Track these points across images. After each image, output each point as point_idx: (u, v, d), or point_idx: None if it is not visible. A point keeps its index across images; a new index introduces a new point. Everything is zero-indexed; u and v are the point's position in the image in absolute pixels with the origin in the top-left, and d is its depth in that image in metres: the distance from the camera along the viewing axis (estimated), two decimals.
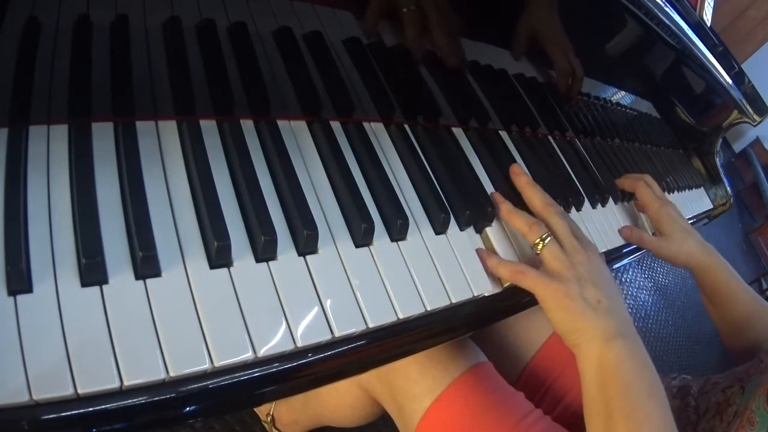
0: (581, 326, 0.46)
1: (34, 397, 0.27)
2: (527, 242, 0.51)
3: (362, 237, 0.42)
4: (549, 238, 0.48)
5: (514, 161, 0.61)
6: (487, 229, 0.51)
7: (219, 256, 0.35)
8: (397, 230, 0.44)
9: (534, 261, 0.50)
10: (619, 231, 0.68)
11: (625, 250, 0.71)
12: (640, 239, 0.68)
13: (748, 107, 1.02)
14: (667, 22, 0.67)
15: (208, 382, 0.32)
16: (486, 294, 0.47)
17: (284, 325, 0.35)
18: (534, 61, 0.67)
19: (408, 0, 0.48)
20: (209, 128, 0.41)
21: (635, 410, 0.42)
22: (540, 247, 0.48)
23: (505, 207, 0.52)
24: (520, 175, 0.55)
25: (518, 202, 0.54)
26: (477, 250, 0.49)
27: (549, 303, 0.46)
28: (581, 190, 0.67)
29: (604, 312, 0.46)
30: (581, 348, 0.46)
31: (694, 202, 1.10)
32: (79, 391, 0.28)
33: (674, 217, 0.69)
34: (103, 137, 0.36)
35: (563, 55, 0.63)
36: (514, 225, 0.51)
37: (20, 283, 0.29)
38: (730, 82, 0.89)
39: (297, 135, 0.45)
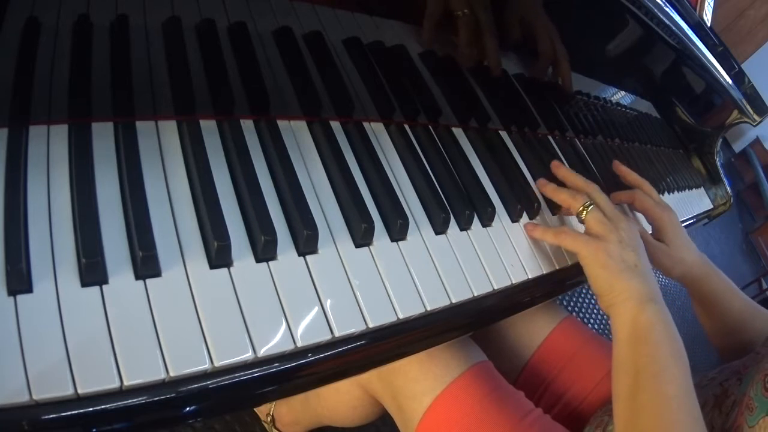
0: (618, 286, 0.48)
1: (34, 397, 0.27)
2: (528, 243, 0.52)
3: (362, 237, 0.42)
4: (592, 206, 0.52)
5: (514, 161, 0.61)
6: (488, 229, 0.51)
7: (219, 256, 0.35)
8: (397, 230, 0.44)
9: None
10: None
11: None
12: (644, 237, 0.64)
13: (748, 107, 1.02)
14: (667, 22, 0.67)
15: (208, 382, 0.32)
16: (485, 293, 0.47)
17: (284, 325, 0.35)
18: (532, 59, 0.67)
19: (461, 4, 0.51)
20: (209, 128, 0.41)
21: (663, 371, 0.44)
22: (584, 214, 0.52)
23: (550, 187, 0.57)
24: (561, 167, 0.60)
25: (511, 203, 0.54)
26: (524, 225, 0.54)
27: (589, 260, 0.50)
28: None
29: (639, 275, 0.48)
30: (616, 308, 0.48)
31: (694, 202, 1.10)
32: (79, 391, 0.28)
33: (675, 224, 0.66)
34: (103, 137, 0.36)
35: (547, 39, 0.63)
36: (559, 199, 0.56)
37: (20, 283, 0.29)
38: (730, 82, 0.89)
39: (297, 135, 0.45)
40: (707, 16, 0.97)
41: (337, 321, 0.37)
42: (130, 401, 0.29)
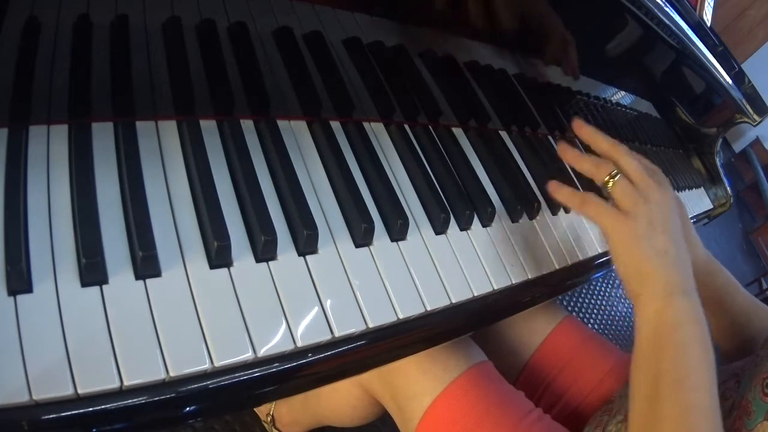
0: (646, 272, 0.44)
1: (34, 397, 0.27)
2: (529, 242, 0.51)
3: (362, 237, 0.42)
4: (619, 175, 0.46)
5: (515, 161, 0.61)
6: (488, 229, 0.51)
7: (219, 256, 0.35)
8: (397, 230, 0.44)
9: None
10: None
11: None
12: None
13: (748, 107, 1.02)
14: (667, 22, 0.67)
15: (208, 382, 0.32)
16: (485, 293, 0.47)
17: (284, 325, 0.35)
18: (531, 58, 0.67)
19: None
20: (209, 128, 0.41)
21: (687, 377, 0.40)
22: (610, 184, 0.46)
23: (571, 153, 0.50)
24: (583, 126, 0.52)
25: (517, 198, 0.54)
26: (549, 183, 0.50)
27: (615, 239, 0.45)
28: (581, 189, 0.67)
29: (670, 262, 0.44)
30: (641, 300, 0.44)
31: (694, 202, 1.10)
32: (79, 391, 0.28)
33: (685, 220, 0.63)
34: (103, 137, 0.36)
35: (554, 21, 0.61)
36: (581, 167, 0.50)
37: (20, 283, 0.29)
38: (730, 82, 0.89)
39: (297, 135, 0.45)
40: (707, 16, 0.97)
41: (337, 321, 0.37)
42: (130, 401, 0.29)
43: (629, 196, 0.45)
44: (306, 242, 0.38)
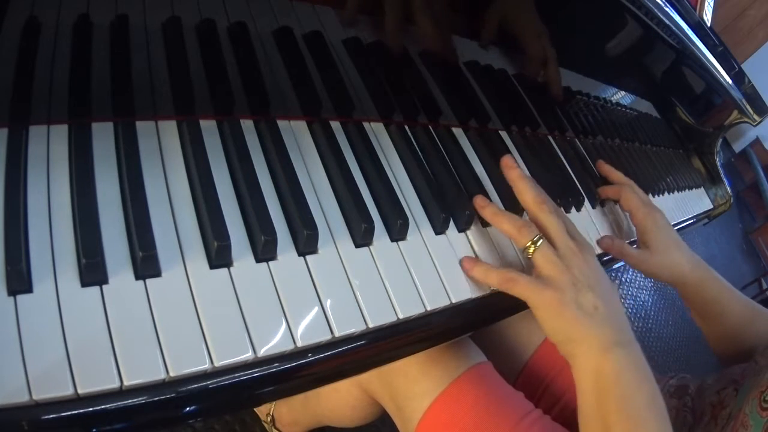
0: (577, 336, 0.44)
1: (34, 397, 0.27)
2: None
3: (362, 237, 0.42)
4: (541, 241, 0.45)
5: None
6: (489, 229, 0.51)
7: (219, 256, 0.35)
8: (397, 230, 0.44)
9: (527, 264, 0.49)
10: (598, 242, 0.62)
11: None
12: (621, 251, 0.61)
13: (748, 107, 1.02)
14: (667, 22, 0.67)
15: (208, 382, 0.32)
16: (485, 294, 0.47)
17: (284, 325, 0.35)
18: (524, 61, 0.66)
19: None
20: (209, 128, 0.41)
21: (635, 427, 0.40)
22: (531, 250, 0.45)
23: (490, 210, 0.49)
24: (512, 168, 0.50)
25: (517, 204, 0.54)
26: (461, 259, 0.47)
27: (542, 311, 0.44)
28: (581, 190, 0.67)
29: (601, 320, 0.44)
30: (577, 359, 0.44)
31: (694, 202, 1.10)
32: (79, 391, 0.28)
33: (661, 226, 0.63)
34: (103, 137, 0.36)
35: (536, 40, 0.60)
36: (501, 228, 0.48)
37: (20, 283, 0.29)
38: (730, 82, 0.89)
39: (297, 135, 0.45)
40: (707, 16, 0.97)
41: (337, 321, 0.37)
42: (130, 401, 0.29)
43: (552, 263, 0.45)
44: (306, 242, 0.38)
